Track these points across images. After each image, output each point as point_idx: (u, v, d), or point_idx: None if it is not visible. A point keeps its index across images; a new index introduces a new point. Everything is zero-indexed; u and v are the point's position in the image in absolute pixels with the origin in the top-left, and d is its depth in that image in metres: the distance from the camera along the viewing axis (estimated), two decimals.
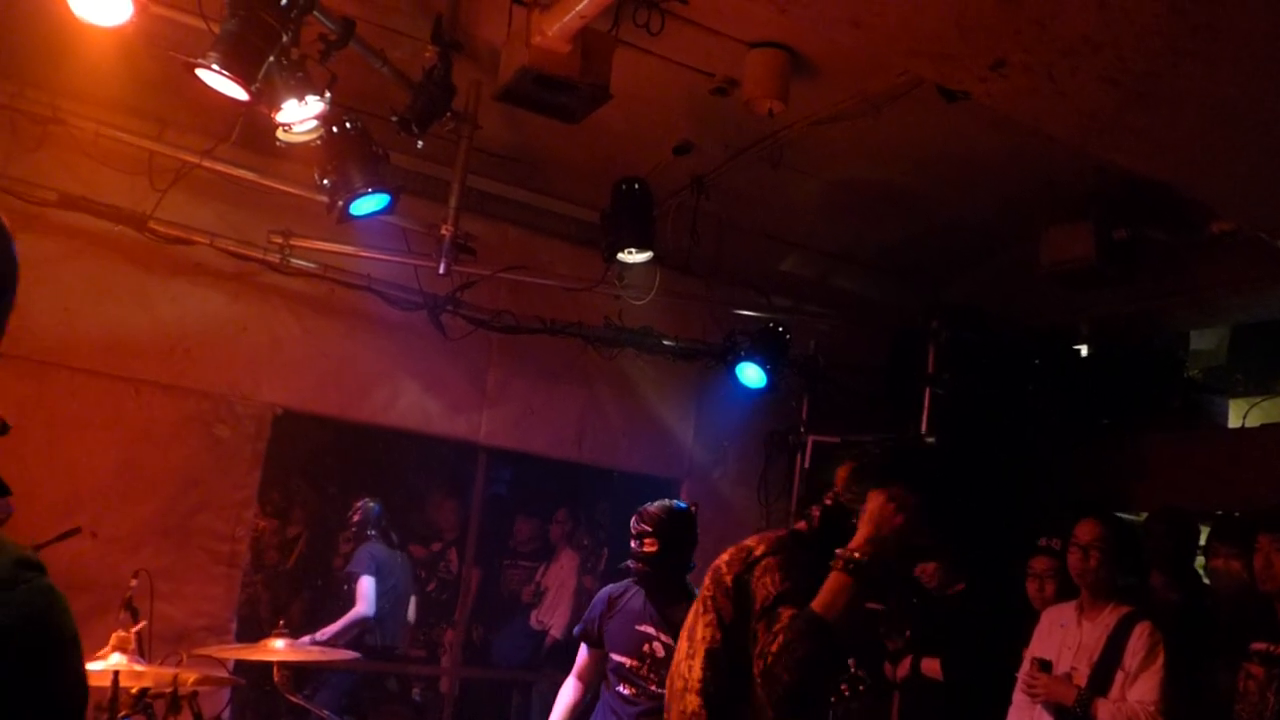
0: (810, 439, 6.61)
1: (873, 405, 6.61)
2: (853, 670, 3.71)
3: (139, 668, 3.50)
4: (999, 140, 4.91)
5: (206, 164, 5.00)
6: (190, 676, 3.66)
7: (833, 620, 2.53)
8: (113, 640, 3.49)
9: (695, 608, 2.88)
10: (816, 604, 2.56)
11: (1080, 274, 5.46)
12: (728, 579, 2.79)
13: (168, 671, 3.59)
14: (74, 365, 5.02)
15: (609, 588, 4.46)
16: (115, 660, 3.44)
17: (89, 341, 5.05)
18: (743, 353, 6.14)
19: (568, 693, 4.36)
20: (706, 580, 2.86)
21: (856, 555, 2.61)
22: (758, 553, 2.80)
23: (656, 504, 4.32)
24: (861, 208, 5.91)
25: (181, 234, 5.11)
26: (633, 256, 5.42)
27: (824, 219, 6.11)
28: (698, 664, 2.74)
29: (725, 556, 2.86)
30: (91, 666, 3.35)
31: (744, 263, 6.47)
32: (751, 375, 6.15)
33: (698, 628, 2.81)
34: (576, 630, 4.47)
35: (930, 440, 6.23)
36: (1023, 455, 6.06)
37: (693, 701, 2.72)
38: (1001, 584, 5.47)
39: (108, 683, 3.33)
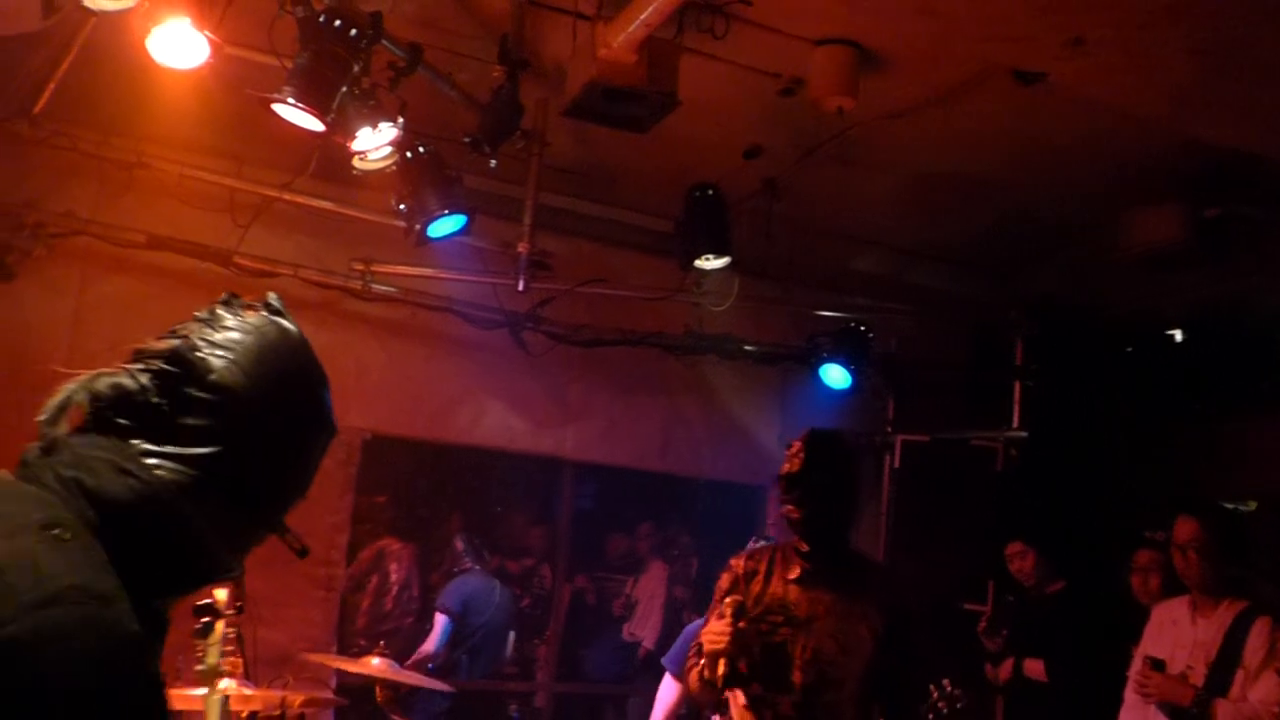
0: (899, 438, 6.50)
1: (961, 403, 6.49)
2: (948, 689, 3.62)
3: (248, 691, 3.55)
4: (1075, 125, 4.78)
5: (286, 197, 5.11)
6: (298, 699, 3.72)
7: None
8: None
9: None
10: None
11: (1170, 256, 5.29)
12: None
13: (275, 694, 3.65)
14: None
15: (698, 623, 4.40)
16: (225, 685, 3.50)
17: None
18: (825, 354, 6.06)
19: (669, 692, 4.29)
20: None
21: None
22: None
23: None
24: (936, 201, 5.81)
25: (266, 267, 5.22)
26: (710, 263, 5.39)
27: (898, 215, 6.02)
28: None
29: None
30: (201, 691, 3.42)
31: (821, 263, 6.39)
32: (836, 376, 6.07)
33: None
34: (671, 666, 4.38)
35: (1021, 434, 6.09)
36: (1119, 446, 5.89)
37: None
38: (1103, 581, 5.32)
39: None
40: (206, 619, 1.68)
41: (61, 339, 4.88)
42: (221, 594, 1.77)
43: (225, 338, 1.30)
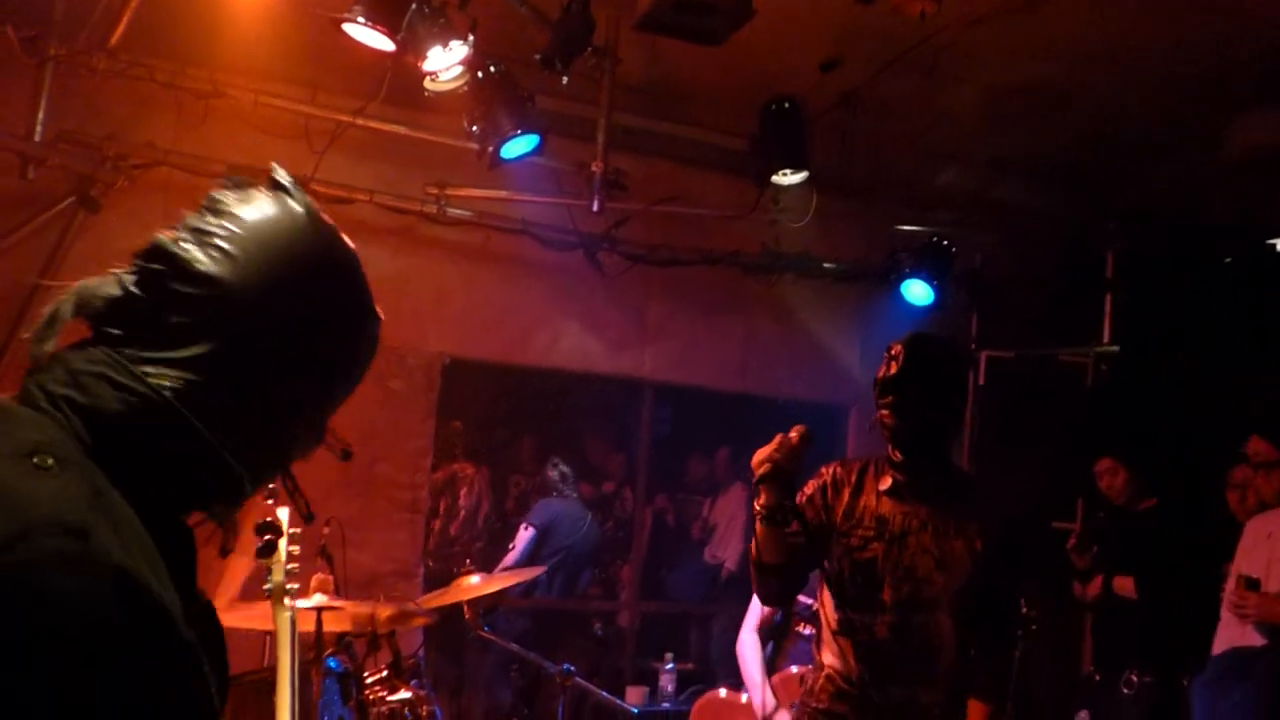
0: (984, 355, 6.37)
1: (1048, 318, 6.31)
2: (1024, 611, 3.57)
3: (339, 604, 3.63)
4: (1171, 25, 4.54)
5: (360, 122, 5.10)
6: (386, 612, 3.80)
7: None
8: (313, 583, 3.64)
9: None
10: None
11: (1276, 160, 5.04)
12: None
13: (365, 608, 3.73)
14: None
15: None
16: (318, 599, 3.59)
17: None
18: (906, 270, 5.93)
19: (752, 648, 4.30)
20: None
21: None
22: None
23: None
24: (1022, 112, 5.59)
25: (342, 193, 5.23)
26: (787, 178, 5.28)
27: (983, 126, 5.81)
28: None
29: None
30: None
31: (901, 178, 6.23)
32: (918, 292, 5.94)
33: None
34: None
35: (1113, 349, 5.92)
36: (1215, 360, 5.69)
37: None
38: (1196, 498, 5.19)
39: (312, 624, 3.47)
40: (268, 537, 1.63)
41: None
42: (283, 512, 1.75)
43: (218, 223, 1.15)
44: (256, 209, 1.18)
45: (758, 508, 2.84)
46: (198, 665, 1.03)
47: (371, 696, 3.59)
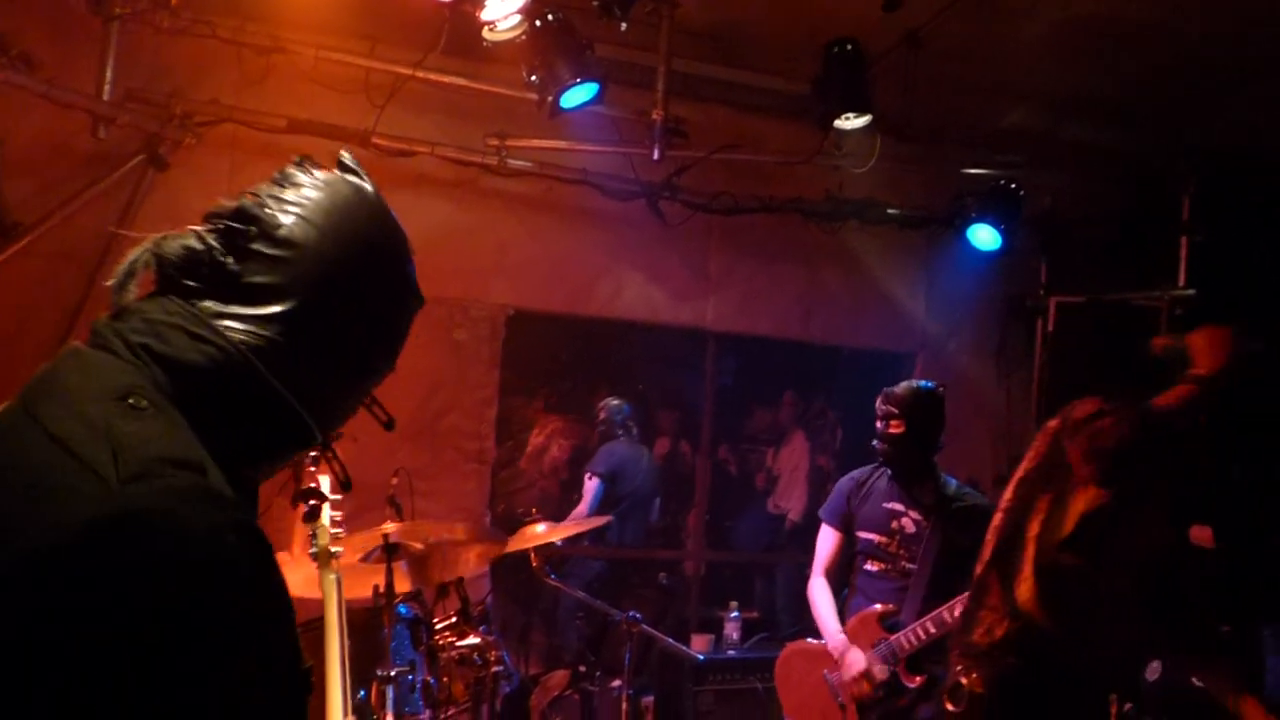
0: (1053, 301, 6.24)
1: (1120, 261, 6.15)
2: None
3: (414, 523, 3.68)
4: None
5: (419, 75, 5.10)
6: (460, 533, 3.85)
7: None
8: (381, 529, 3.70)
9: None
10: None
11: None
12: None
13: (442, 527, 3.78)
14: None
15: (852, 474, 4.40)
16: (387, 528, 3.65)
17: None
18: (973, 215, 5.81)
19: (823, 592, 4.30)
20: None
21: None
22: None
23: (903, 385, 4.23)
24: (1092, 47, 5.41)
25: (403, 146, 5.25)
26: (850, 122, 5.18)
27: (1051, 64, 5.63)
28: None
29: None
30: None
31: (967, 120, 6.09)
32: (984, 237, 5.82)
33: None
34: (826, 515, 4.40)
35: (1188, 292, 5.76)
36: None
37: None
38: (1274, 444, 5.06)
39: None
40: (312, 503, 1.68)
41: None
42: (325, 479, 1.78)
43: (296, 194, 1.25)
44: (331, 186, 1.27)
45: None
46: (290, 604, 1.11)
47: (441, 642, 3.65)
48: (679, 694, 5.25)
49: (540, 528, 4.29)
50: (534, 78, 4.63)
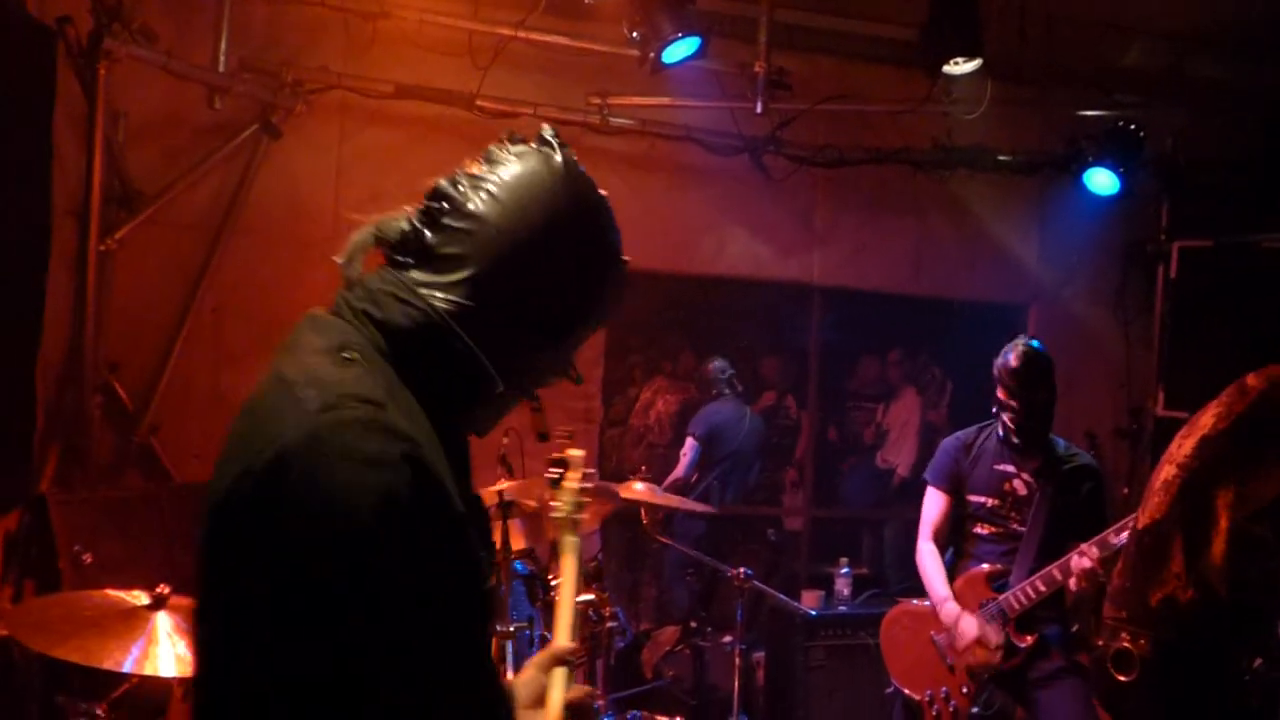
0: (1175, 246, 6.00)
1: (1248, 203, 5.88)
2: None
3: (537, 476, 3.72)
4: None
5: (521, 35, 5.10)
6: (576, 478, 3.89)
7: None
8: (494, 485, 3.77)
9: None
10: None
11: None
12: None
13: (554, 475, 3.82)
14: None
15: (960, 434, 4.27)
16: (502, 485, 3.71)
17: None
18: (1090, 158, 5.60)
19: (932, 557, 4.20)
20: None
21: None
22: None
23: (1018, 348, 4.01)
24: None
25: (507, 108, 5.28)
26: (960, 67, 5.03)
27: None
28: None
29: None
30: None
31: (1082, 60, 5.86)
32: (1102, 181, 5.62)
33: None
34: (931, 477, 4.28)
35: None
36: None
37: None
38: None
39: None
40: (558, 471, 1.85)
41: (328, 190, 5.14)
42: (578, 452, 1.91)
43: (489, 170, 1.39)
44: (522, 161, 1.40)
45: None
46: (465, 534, 1.27)
47: (556, 597, 3.70)
48: (790, 649, 5.26)
49: (640, 486, 4.32)
50: (635, 34, 4.61)
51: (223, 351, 4.93)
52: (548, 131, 1.46)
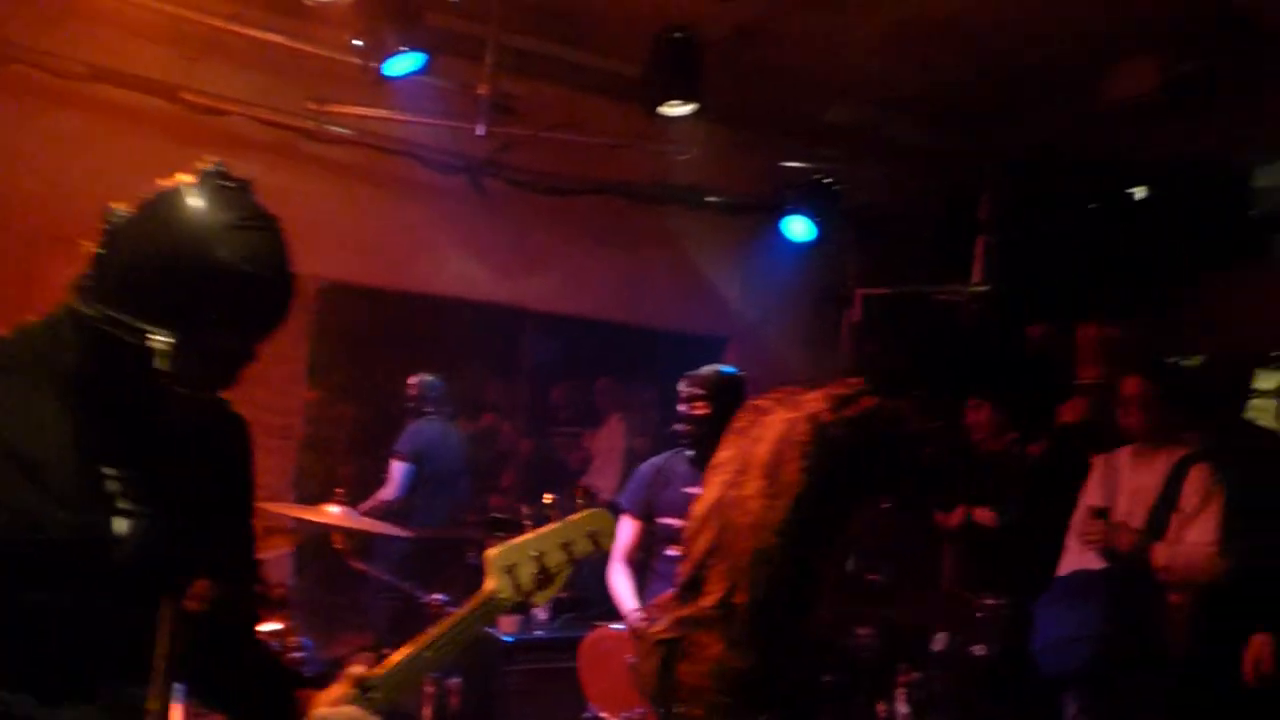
0: (859, 293, 6.50)
1: (925, 257, 6.46)
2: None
3: None
4: None
5: (235, 29, 4.85)
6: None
7: None
8: None
9: (783, 449, 2.81)
10: None
11: (1143, 110, 5.24)
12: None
13: None
14: None
15: (651, 461, 4.44)
16: None
17: None
18: (790, 206, 5.99)
19: (621, 576, 4.33)
20: (803, 427, 2.78)
21: None
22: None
23: (706, 368, 4.29)
24: (917, 49, 5.62)
25: (215, 104, 5.00)
26: (676, 109, 5.24)
27: (879, 62, 5.83)
28: (782, 505, 2.69)
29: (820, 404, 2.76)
30: None
31: (793, 113, 6.25)
32: (798, 229, 6.01)
33: (787, 470, 2.73)
34: (625, 503, 4.41)
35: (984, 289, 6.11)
36: (1080, 302, 5.93)
37: (769, 539, 2.67)
38: (1053, 433, 5.43)
39: None
40: None
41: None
42: None
43: None
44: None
45: None
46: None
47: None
48: (487, 675, 5.22)
49: (334, 509, 4.19)
50: (359, 42, 4.49)
51: None
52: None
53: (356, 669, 1.72)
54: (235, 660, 1.81)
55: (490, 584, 1.87)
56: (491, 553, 1.89)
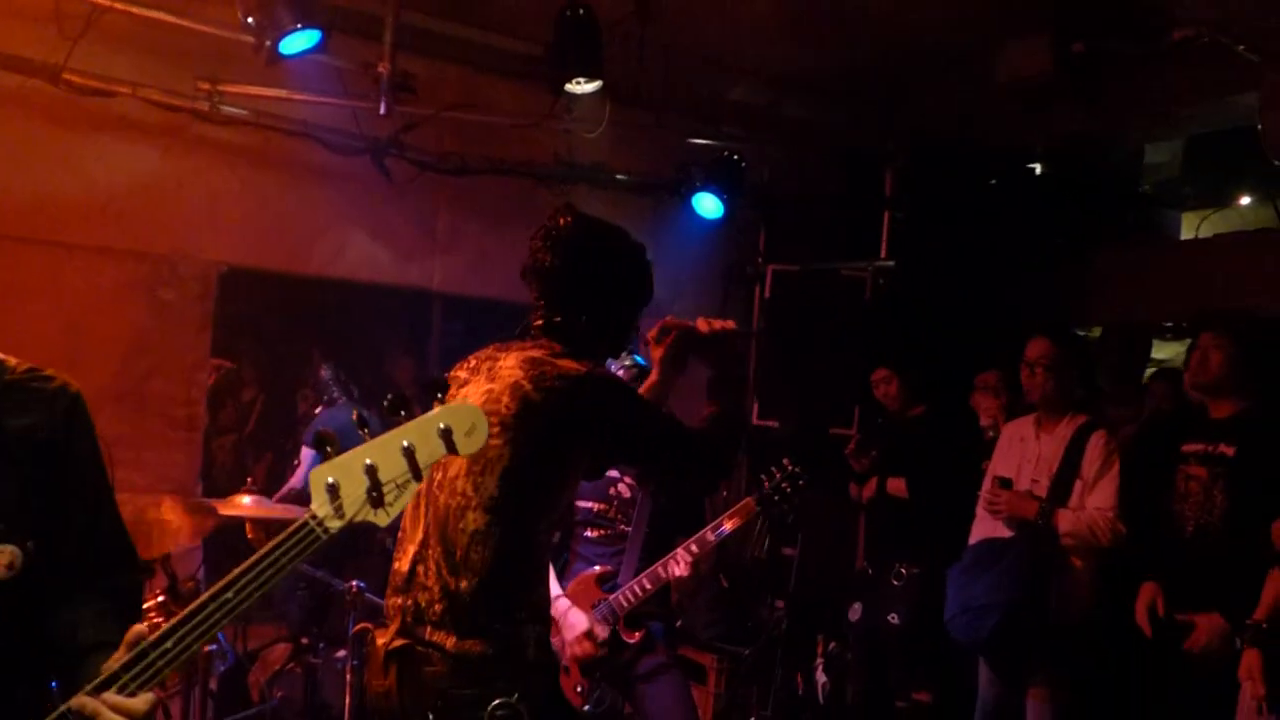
0: (770, 269, 6.54)
1: (831, 233, 6.53)
2: (789, 468, 3.72)
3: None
4: None
5: (120, 6, 4.66)
6: (170, 508, 3.63)
7: None
8: None
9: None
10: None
11: (1038, 90, 5.35)
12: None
13: (148, 499, 3.55)
14: (2, 233, 4.79)
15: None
16: None
17: (14, 207, 4.81)
18: (697, 184, 6.00)
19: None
20: (506, 398, 2.69)
21: None
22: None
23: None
24: (815, 28, 5.69)
25: (101, 85, 4.81)
26: (581, 87, 5.19)
27: (775, 41, 5.88)
28: (492, 480, 2.61)
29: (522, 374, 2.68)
30: None
31: (695, 92, 6.26)
32: (708, 206, 6.02)
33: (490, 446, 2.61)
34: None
35: (889, 264, 6.20)
36: (980, 277, 6.05)
37: (481, 519, 2.60)
38: (960, 405, 5.55)
39: None
40: None
41: None
42: None
43: None
44: None
45: None
46: None
47: (147, 625, 3.40)
48: None
49: (247, 500, 4.11)
50: (250, 19, 4.35)
51: None
52: None
53: (139, 628, 1.54)
54: (43, 629, 1.70)
55: (311, 506, 1.62)
56: (315, 470, 1.64)
